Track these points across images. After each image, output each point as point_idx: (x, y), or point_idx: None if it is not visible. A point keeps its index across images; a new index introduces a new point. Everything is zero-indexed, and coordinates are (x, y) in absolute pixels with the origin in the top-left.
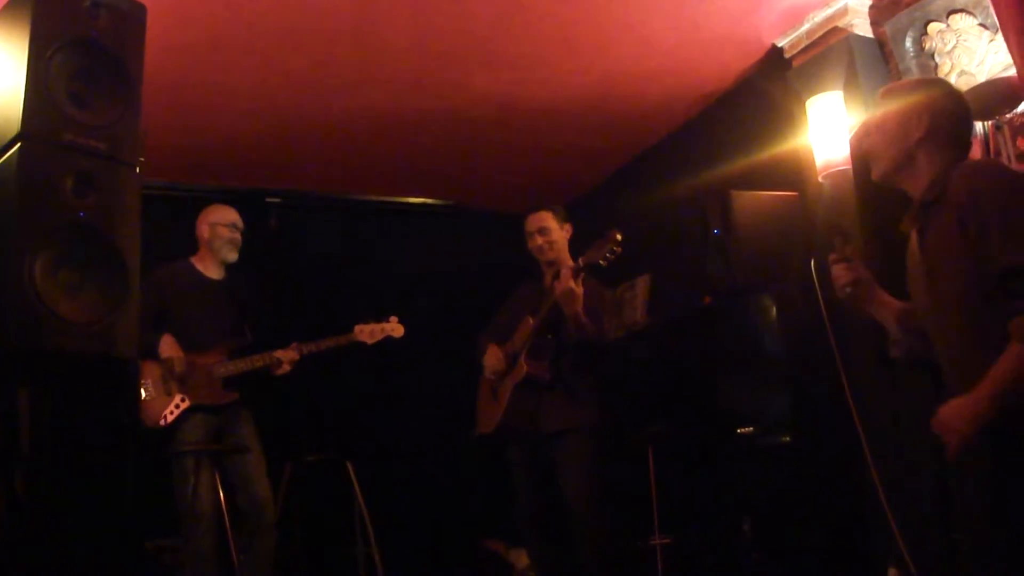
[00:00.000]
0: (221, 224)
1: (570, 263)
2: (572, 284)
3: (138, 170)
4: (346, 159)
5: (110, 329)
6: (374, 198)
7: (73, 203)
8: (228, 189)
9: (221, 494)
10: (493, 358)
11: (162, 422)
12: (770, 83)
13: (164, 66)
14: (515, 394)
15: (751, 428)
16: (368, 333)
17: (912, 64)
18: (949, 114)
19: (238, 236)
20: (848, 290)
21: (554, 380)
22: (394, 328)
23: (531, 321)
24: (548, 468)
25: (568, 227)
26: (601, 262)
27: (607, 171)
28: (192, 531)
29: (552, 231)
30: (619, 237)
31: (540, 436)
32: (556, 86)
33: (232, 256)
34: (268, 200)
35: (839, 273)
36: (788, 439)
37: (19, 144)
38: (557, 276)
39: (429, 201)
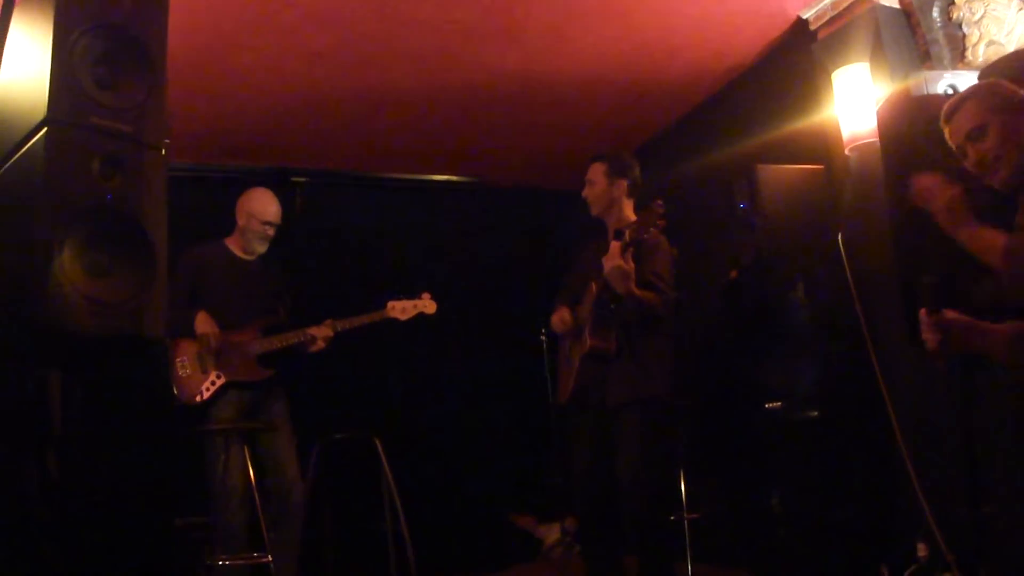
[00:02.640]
0: (257, 219)
1: (629, 219)
2: (620, 262)
3: (164, 152)
4: (370, 137)
5: (138, 310)
6: (398, 176)
7: (100, 186)
8: (253, 169)
9: (251, 472)
10: (558, 319)
11: (198, 398)
12: (795, 56)
13: (187, 48)
14: (584, 365)
15: (779, 403)
16: (400, 310)
17: (939, 35)
18: None
19: (271, 232)
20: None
21: (619, 352)
22: (427, 305)
23: (594, 288)
24: (609, 441)
25: (623, 182)
26: (645, 236)
27: (632, 146)
28: (223, 508)
29: (596, 184)
30: (662, 209)
31: (606, 408)
32: (580, 61)
33: (260, 249)
34: (293, 179)
35: (926, 331)
36: (816, 414)
37: (45, 128)
38: (620, 235)
39: (453, 178)
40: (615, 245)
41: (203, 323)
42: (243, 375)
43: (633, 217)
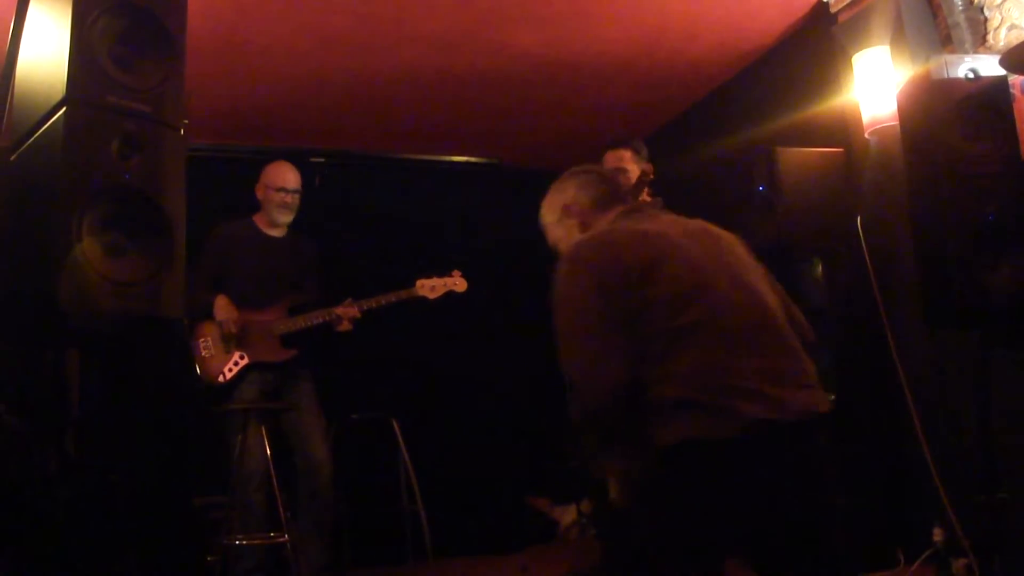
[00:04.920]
0: (271, 188)
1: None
2: None
3: (182, 132)
4: (388, 118)
5: (156, 289)
6: (417, 157)
7: (118, 165)
8: (272, 150)
9: (269, 451)
10: None
11: (220, 379)
12: (816, 38)
13: (206, 29)
14: None
15: None
16: (430, 288)
17: (961, 18)
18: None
19: (289, 199)
20: None
21: None
22: (456, 283)
23: None
24: None
25: (648, 166)
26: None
27: (651, 128)
28: (242, 488)
29: (630, 172)
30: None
31: None
32: (599, 43)
33: (282, 219)
34: (312, 160)
35: None
36: (833, 397)
37: (64, 107)
38: None
39: (472, 159)
40: None
41: (222, 309)
42: (266, 356)
43: (648, 198)
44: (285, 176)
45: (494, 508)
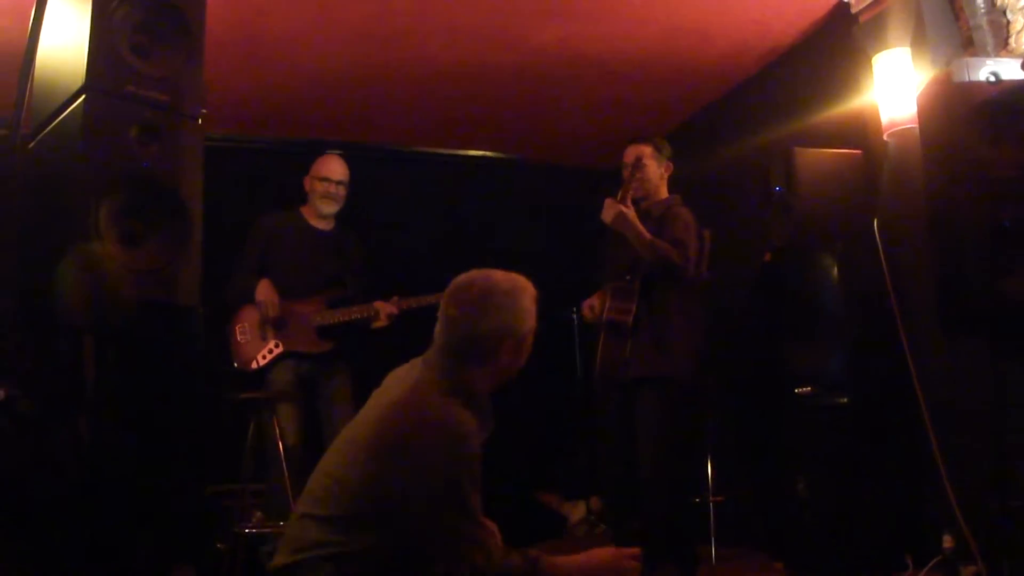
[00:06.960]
0: (316, 178)
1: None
2: (620, 206)
3: (200, 121)
4: (407, 111)
5: (173, 277)
6: (433, 150)
7: (137, 153)
8: (289, 141)
9: (279, 438)
10: (587, 307)
11: (254, 365)
12: (836, 39)
13: (225, 19)
14: (606, 339)
15: (809, 388)
16: None
17: (983, 20)
18: None
19: (332, 189)
20: None
21: (636, 325)
22: None
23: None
24: (633, 420)
25: (669, 164)
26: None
27: (669, 125)
28: (270, 474)
29: (648, 167)
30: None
31: (627, 383)
32: (619, 39)
33: (326, 209)
34: (328, 152)
35: None
36: (846, 400)
37: (84, 96)
38: (647, 214)
39: (490, 154)
40: (607, 200)
41: (263, 291)
42: (302, 346)
43: (666, 195)
44: (330, 166)
45: (503, 504)
